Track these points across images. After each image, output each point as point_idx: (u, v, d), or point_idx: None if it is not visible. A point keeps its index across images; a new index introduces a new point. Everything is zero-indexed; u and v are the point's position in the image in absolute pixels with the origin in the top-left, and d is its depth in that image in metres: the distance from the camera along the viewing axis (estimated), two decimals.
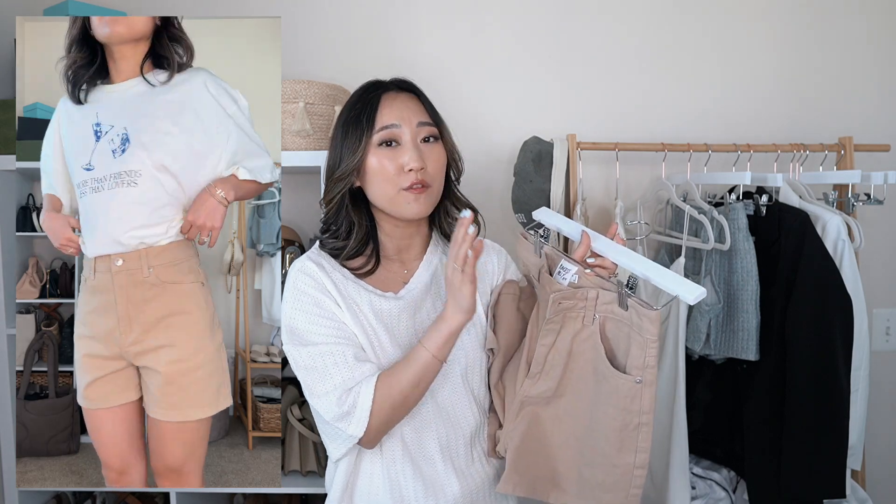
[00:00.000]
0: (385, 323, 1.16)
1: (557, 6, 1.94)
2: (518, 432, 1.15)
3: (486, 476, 1.20)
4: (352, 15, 1.96)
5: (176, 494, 1.66)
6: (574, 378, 1.11)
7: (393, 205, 1.15)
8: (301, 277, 1.15)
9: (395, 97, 1.16)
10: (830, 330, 1.47)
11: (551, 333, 1.11)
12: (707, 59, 1.95)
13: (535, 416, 1.14)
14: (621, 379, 1.04)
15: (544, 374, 1.12)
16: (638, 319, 1.01)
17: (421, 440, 1.15)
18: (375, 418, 1.07)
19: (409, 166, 1.12)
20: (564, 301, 1.10)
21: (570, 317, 1.10)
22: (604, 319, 1.07)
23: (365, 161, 1.14)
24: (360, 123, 1.13)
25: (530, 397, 1.14)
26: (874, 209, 1.83)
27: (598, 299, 1.07)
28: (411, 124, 1.14)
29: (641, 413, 1.04)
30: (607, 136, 1.86)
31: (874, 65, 1.95)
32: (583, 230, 1.15)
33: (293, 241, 1.85)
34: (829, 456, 1.48)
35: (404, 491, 1.13)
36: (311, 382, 1.11)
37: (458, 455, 1.17)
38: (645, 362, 1.02)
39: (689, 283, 0.99)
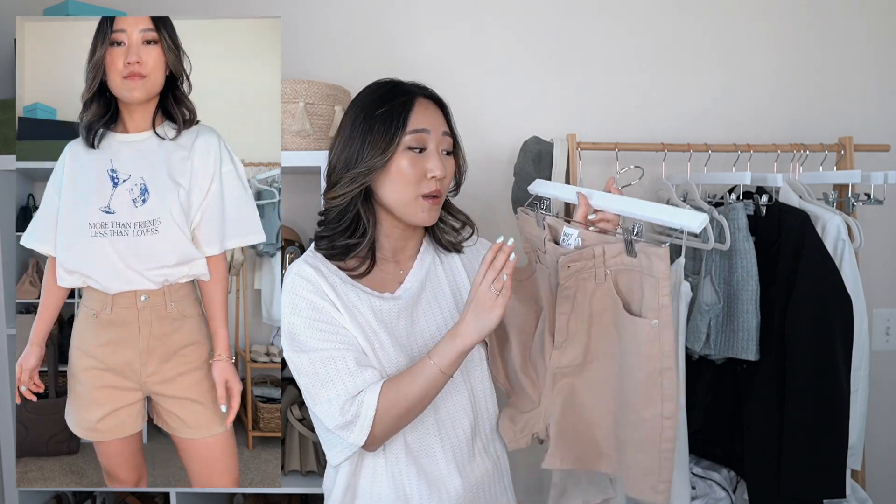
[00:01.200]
0: (385, 324, 1.16)
1: (557, 6, 1.94)
2: (557, 407, 1.15)
3: (485, 471, 1.21)
4: (352, 15, 1.96)
5: (176, 494, 1.66)
6: (600, 340, 1.11)
7: (406, 209, 1.15)
8: (299, 282, 1.14)
9: (427, 104, 1.17)
10: (830, 330, 1.47)
11: (567, 300, 1.11)
12: (707, 59, 1.95)
13: (570, 387, 1.14)
14: (639, 324, 1.03)
15: (569, 341, 1.12)
16: (647, 261, 1.00)
17: (421, 436, 1.16)
18: (378, 427, 1.07)
19: (434, 173, 1.12)
20: (573, 263, 1.09)
21: (583, 278, 1.09)
22: (615, 274, 1.07)
23: (392, 160, 1.13)
24: (392, 122, 1.12)
25: (561, 368, 1.13)
26: (874, 209, 1.83)
27: (606, 254, 1.07)
28: (438, 132, 1.15)
29: (663, 357, 1.02)
30: (607, 136, 1.86)
31: (874, 65, 1.95)
32: (578, 191, 1.15)
33: (293, 241, 1.85)
34: (829, 456, 1.48)
35: (408, 489, 1.14)
36: (313, 389, 1.10)
37: (460, 451, 1.18)
38: (659, 302, 1.01)
39: (691, 213, 0.99)
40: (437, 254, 1.28)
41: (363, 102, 1.17)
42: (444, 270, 1.27)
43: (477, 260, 1.29)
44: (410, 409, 1.08)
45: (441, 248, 1.28)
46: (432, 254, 1.27)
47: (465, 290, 1.26)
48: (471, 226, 1.29)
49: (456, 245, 1.28)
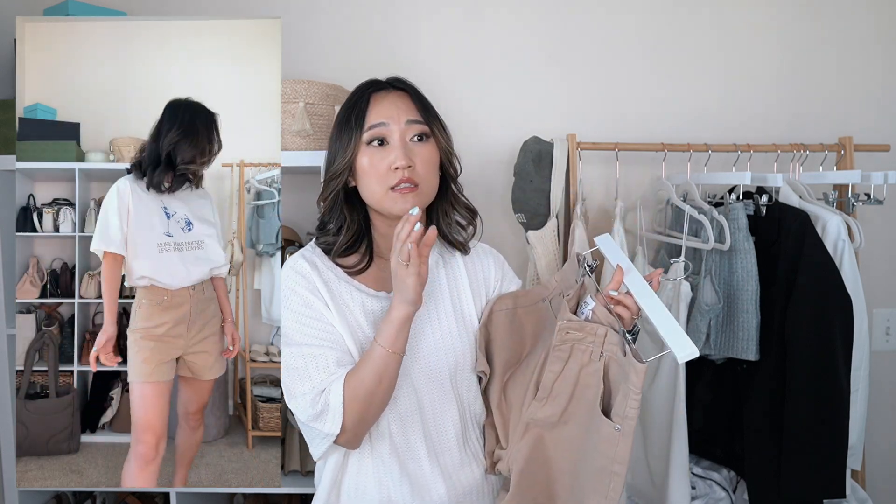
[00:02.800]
0: (375, 324, 1.15)
1: (558, 6, 1.94)
2: (522, 454, 1.15)
3: (474, 480, 1.20)
4: (352, 15, 1.96)
5: (176, 494, 1.66)
6: (578, 408, 1.12)
7: (382, 204, 1.14)
8: (293, 276, 1.15)
9: (385, 96, 1.16)
10: (830, 330, 1.47)
11: (559, 361, 1.12)
12: (707, 59, 1.95)
13: (539, 438, 1.14)
14: (603, 422, 1.05)
15: (551, 399, 1.13)
16: (628, 368, 1.01)
17: (407, 438, 1.15)
18: (349, 416, 1.07)
19: (395, 164, 1.11)
20: (572, 332, 1.10)
21: (579, 349, 1.10)
22: (609, 359, 1.08)
23: (355, 160, 1.14)
24: (350, 122, 1.14)
25: (536, 420, 1.14)
26: (874, 209, 1.83)
27: (606, 338, 1.08)
28: (399, 122, 1.14)
29: (615, 462, 1.04)
30: (607, 136, 1.86)
31: (874, 65, 1.95)
32: (619, 265, 1.15)
33: (293, 240, 1.86)
34: (829, 456, 1.48)
35: (392, 491, 1.14)
36: (290, 382, 1.11)
37: (447, 456, 1.17)
38: (625, 412, 1.02)
39: (685, 340, 1.00)
40: (441, 254, 1.27)
41: (341, 107, 1.20)
42: (447, 274, 1.26)
43: (480, 267, 1.29)
44: (373, 394, 1.07)
45: (445, 243, 1.27)
46: (436, 255, 1.26)
47: (465, 296, 1.25)
48: (474, 225, 1.27)
49: (455, 240, 1.26)
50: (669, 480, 1.58)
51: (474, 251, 1.29)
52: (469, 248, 1.28)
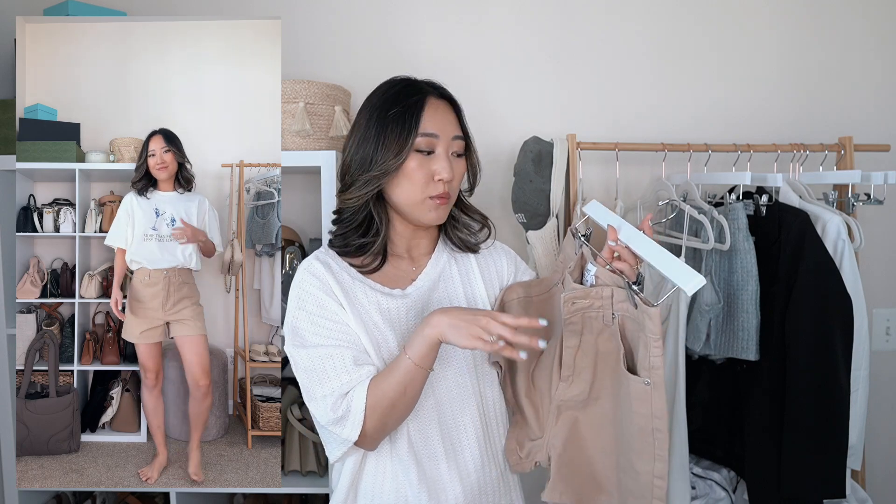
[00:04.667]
0: (391, 322, 1.16)
1: (558, 7, 1.95)
2: (559, 439, 1.14)
3: (491, 480, 1.20)
4: (352, 15, 1.96)
5: (176, 494, 1.66)
6: (606, 379, 1.11)
7: (414, 209, 1.15)
8: (306, 277, 1.15)
9: (439, 105, 1.16)
10: (830, 330, 1.47)
11: (574, 335, 1.11)
12: (707, 59, 1.95)
13: (574, 421, 1.14)
14: (632, 381, 1.03)
15: (576, 376, 1.12)
16: (642, 317, 1.00)
17: (426, 439, 1.15)
18: (369, 422, 1.06)
19: (441, 176, 1.12)
20: (578, 301, 1.09)
21: (590, 316, 1.09)
22: (623, 319, 1.06)
23: (403, 163, 1.13)
24: (405, 122, 1.12)
25: (566, 401, 1.13)
26: (874, 209, 1.83)
27: (614, 297, 1.06)
28: (447, 136, 1.15)
29: (653, 417, 1.02)
30: (607, 136, 1.86)
31: (874, 65, 1.95)
32: (609, 224, 1.15)
33: (293, 241, 1.86)
34: (829, 456, 1.47)
35: (409, 492, 1.13)
36: (310, 385, 1.11)
37: (464, 457, 1.17)
38: (650, 363, 1.01)
39: (690, 272, 0.98)
40: (453, 253, 1.28)
41: (377, 102, 1.16)
42: (459, 270, 1.26)
43: (492, 262, 1.29)
44: (395, 404, 1.07)
45: (455, 248, 1.27)
46: (448, 252, 1.27)
47: (479, 292, 1.25)
48: (487, 227, 1.28)
49: (467, 243, 1.27)
50: (669, 480, 1.58)
51: (486, 249, 1.30)
52: (479, 248, 1.29)
